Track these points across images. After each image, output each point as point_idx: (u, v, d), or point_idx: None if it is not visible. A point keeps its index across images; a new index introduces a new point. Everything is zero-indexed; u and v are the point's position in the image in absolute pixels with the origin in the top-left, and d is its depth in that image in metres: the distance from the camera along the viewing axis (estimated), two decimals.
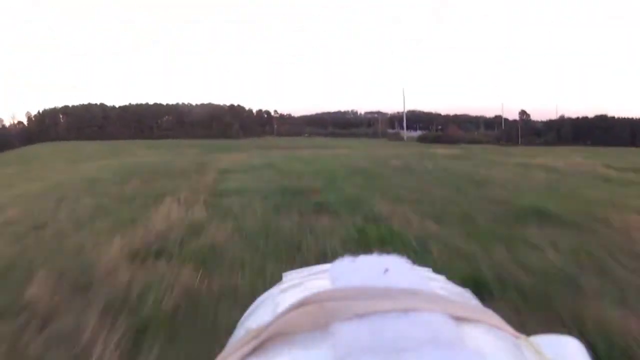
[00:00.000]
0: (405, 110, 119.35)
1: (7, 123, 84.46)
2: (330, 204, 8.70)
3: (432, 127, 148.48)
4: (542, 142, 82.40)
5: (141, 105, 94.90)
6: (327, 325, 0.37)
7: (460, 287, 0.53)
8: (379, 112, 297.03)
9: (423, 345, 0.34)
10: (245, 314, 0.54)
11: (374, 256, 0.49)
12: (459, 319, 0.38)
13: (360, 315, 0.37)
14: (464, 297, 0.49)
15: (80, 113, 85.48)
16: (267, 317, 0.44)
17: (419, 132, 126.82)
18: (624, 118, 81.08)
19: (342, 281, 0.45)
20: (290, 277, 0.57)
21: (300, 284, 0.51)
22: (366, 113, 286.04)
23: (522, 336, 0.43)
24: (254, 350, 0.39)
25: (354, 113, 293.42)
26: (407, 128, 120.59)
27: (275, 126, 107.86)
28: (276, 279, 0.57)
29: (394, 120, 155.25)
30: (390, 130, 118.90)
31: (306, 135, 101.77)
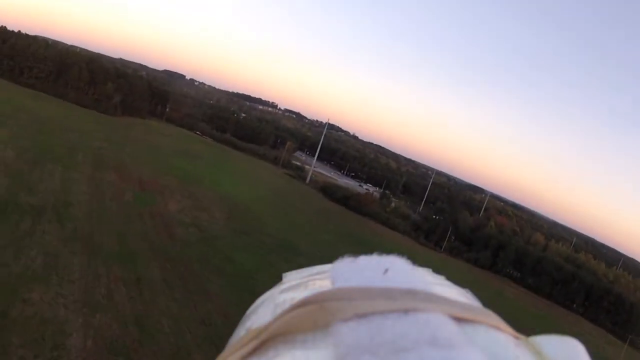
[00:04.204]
0: (323, 137, 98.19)
1: None
2: None
3: (345, 170, 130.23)
4: (471, 258, 69.45)
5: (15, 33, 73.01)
6: (327, 325, 0.37)
7: (460, 287, 0.52)
8: (298, 114, 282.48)
9: (423, 346, 0.34)
10: (246, 314, 0.54)
11: (374, 257, 0.49)
12: (458, 320, 0.38)
13: (360, 315, 0.37)
14: (464, 297, 0.49)
15: None
16: (267, 317, 0.45)
17: (330, 172, 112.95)
18: None
19: (343, 281, 0.45)
20: (291, 278, 0.57)
21: (300, 284, 0.51)
22: (285, 110, 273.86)
23: (522, 337, 0.43)
24: (254, 351, 0.40)
25: (273, 105, 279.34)
26: (319, 159, 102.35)
27: (168, 109, 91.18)
28: None
29: (305, 146, 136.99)
30: (295, 161, 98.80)
31: (198, 133, 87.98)
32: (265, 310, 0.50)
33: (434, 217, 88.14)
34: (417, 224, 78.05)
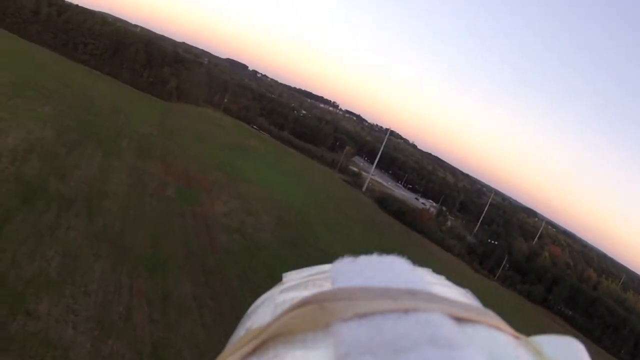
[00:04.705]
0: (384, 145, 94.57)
1: None
2: None
3: (403, 181, 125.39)
4: (524, 291, 65.38)
5: (72, 6, 70.39)
6: (327, 325, 0.37)
7: (460, 287, 0.53)
8: (358, 117, 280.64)
9: (423, 346, 0.34)
10: (246, 314, 0.54)
11: (374, 257, 0.49)
12: (458, 319, 0.38)
13: (361, 315, 0.37)
14: (464, 297, 0.49)
15: None
16: (267, 317, 0.46)
17: (387, 182, 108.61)
18: None
19: (343, 281, 0.45)
20: (291, 278, 0.57)
21: (300, 284, 0.51)
22: (345, 111, 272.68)
23: (522, 337, 0.43)
24: (254, 350, 0.40)
25: (334, 105, 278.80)
26: (376, 167, 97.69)
27: (226, 99, 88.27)
28: None
29: (363, 151, 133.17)
30: (352, 166, 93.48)
31: (254, 127, 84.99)
32: (265, 310, 0.49)
33: (489, 241, 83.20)
34: (472, 247, 73.34)
